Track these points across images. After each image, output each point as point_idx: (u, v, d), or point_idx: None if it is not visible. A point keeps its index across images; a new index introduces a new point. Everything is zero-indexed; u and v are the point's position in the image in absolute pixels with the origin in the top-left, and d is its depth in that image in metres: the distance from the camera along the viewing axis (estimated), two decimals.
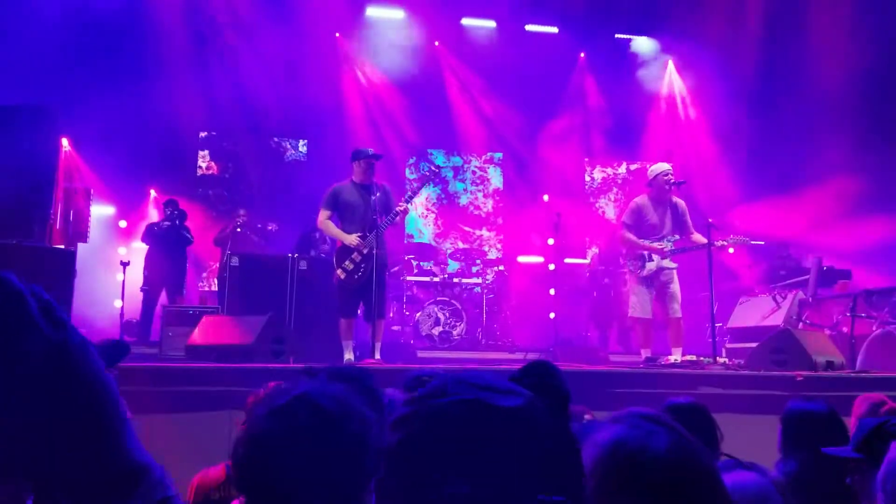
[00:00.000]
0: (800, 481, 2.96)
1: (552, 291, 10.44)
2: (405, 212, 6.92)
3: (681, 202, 7.48)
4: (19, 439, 0.61)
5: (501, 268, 11.85)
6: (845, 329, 7.61)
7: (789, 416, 3.16)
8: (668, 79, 13.24)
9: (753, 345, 7.19)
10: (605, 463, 1.08)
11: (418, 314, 9.76)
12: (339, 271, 6.69)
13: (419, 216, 13.07)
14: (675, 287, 7.30)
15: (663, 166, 7.52)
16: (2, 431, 0.61)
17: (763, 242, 11.93)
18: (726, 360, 7.24)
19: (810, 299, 8.32)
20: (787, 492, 3.03)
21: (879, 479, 1.93)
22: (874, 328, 7.47)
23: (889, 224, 10.30)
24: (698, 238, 7.26)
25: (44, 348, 0.62)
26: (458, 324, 9.75)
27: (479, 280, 11.00)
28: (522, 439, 0.84)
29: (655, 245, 7.23)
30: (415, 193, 7.38)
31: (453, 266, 11.45)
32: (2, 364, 0.61)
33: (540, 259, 11.47)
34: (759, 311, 8.46)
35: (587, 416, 4.98)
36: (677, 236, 7.36)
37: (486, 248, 12.95)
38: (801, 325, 7.96)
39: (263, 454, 1.01)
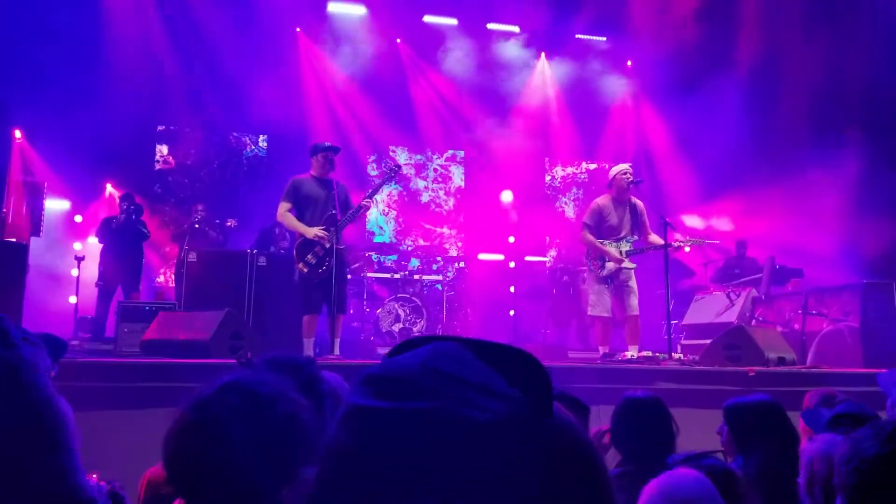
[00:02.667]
0: (757, 475, 3.03)
1: (512, 289, 10.52)
2: (367, 208, 6.90)
3: (639, 203, 7.58)
4: None
5: (462, 265, 11.89)
6: (797, 326, 7.79)
7: (734, 412, 3.23)
8: (624, 79, 13.39)
9: (708, 341, 7.32)
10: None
11: (379, 311, 9.74)
12: (300, 265, 6.67)
13: (380, 213, 13.04)
14: (634, 285, 7.40)
15: (622, 166, 7.62)
16: None
17: (718, 242, 12.18)
18: (681, 356, 7.36)
19: (763, 297, 8.50)
20: (747, 486, 3.10)
21: (803, 484, 2.00)
22: (824, 325, 7.65)
23: (843, 223, 10.55)
24: (655, 239, 7.39)
25: None
26: (418, 320, 9.75)
27: (440, 277, 11.02)
28: (501, 455, 0.71)
29: (612, 250, 7.30)
30: (377, 190, 7.37)
31: (414, 263, 11.46)
32: None
33: (500, 257, 11.54)
34: (714, 309, 8.63)
35: None
36: (636, 237, 7.46)
37: (447, 246, 12.98)
38: (754, 322, 8.13)
39: (192, 444, 0.96)
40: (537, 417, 0.73)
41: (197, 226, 10.14)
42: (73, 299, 9.52)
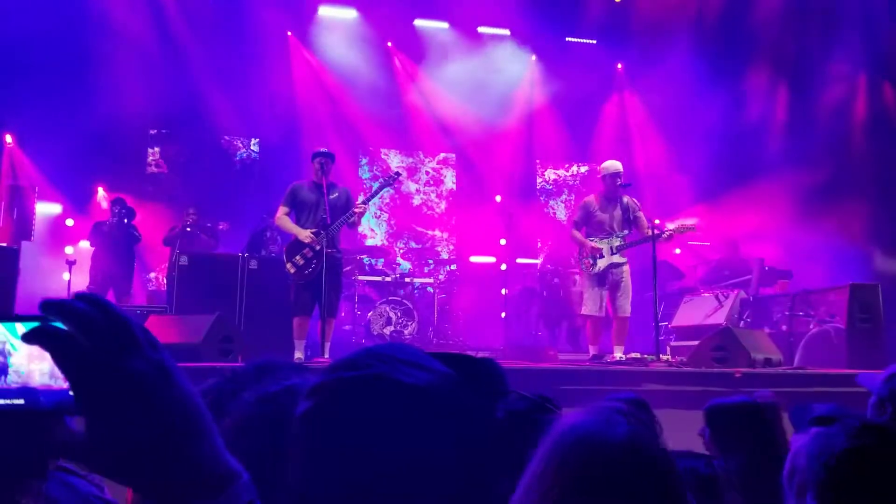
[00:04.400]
0: (739, 476, 3.08)
1: (504, 291, 10.55)
2: (361, 213, 6.94)
3: (632, 199, 7.60)
4: (134, 448, 0.71)
5: (454, 267, 11.93)
6: (784, 327, 7.85)
7: (715, 413, 3.27)
8: (616, 82, 13.46)
9: (696, 343, 7.37)
10: (560, 447, 1.10)
11: (370, 313, 9.76)
12: (288, 265, 6.76)
13: (372, 216, 13.08)
14: (627, 286, 7.44)
15: (615, 166, 7.63)
16: (121, 442, 0.70)
17: (709, 243, 12.27)
18: (669, 357, 7.42)
19: (751, 299, 8.56)
20: (732, 486, 3.16)
21: (785, 476, 2.03)
22: (811, 327, 7.72)
23: (830, 224, 10.64)
24: (647, 232, 7.36)
25: (147, 366, 0.72)
26: (409, 323, 9.78)
27: (431, 280, 11.05)
28: (427, 418, 0.84)
29: (599, 244, 7.35)
30: (373, 195, 7.42)
31: (405, 266, 11.49)
32: (119, 381, 0.71)
33: (492, 259, 11.57)
34: (703, 311, 8.67)
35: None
36: (626, 231, 7.47)
37: (438, 249, 13.02)
38: (742, 323, 8.18)
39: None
40: (456, 388, 0.87)
41: (188, 229, 10.14)
42: None
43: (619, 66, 13.48)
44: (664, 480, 1.09)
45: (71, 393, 0.72)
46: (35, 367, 0.75)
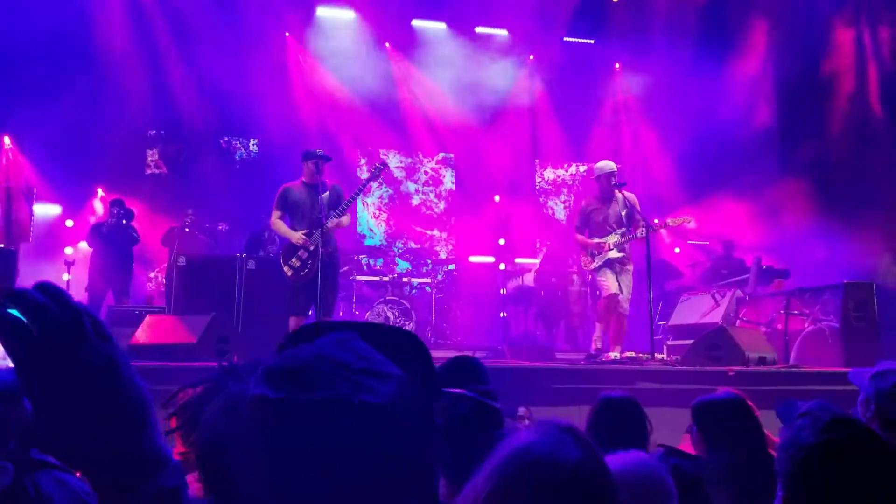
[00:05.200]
0: (726, 473, 3.11)
1: (503, 291, 10.59)
2: (353, 206, 6.95)
3: (630, 196, 7.60)
4: (77, 433, 0.76)
5: (452, 267, 11.96)
6: (780, 326, 7.87)
7: (700, 410, 3.30)
8: (612, 82, 13.48)
9: (692, 342, 7.39)
10: (508, 466, 1.10)
11: (367, 313, 9.79)
12: (285, 268, 6.76)
13: (371, 216, 13.12)
14: (628, 283, 7.47)
15: (610, 166, 7.65)
16: (64, 427, 0.76)
17: (707, 242, 12.29)
18: (665, 356, 7.45)
19: (747, 298, 8.58)
20: (717, 482, 3.18)
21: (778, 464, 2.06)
22: (806, 325, 7.74)
23: (826, 223, 10.66)
24: (642, 231, 7.36)
25: (96, 357, 0.77)
26: (407, 323, 9.81)
27: (429, 279, 11.07)
28: (387, 436, 0.80)
29: (599, 241, 7.41)
30: (362, 188, 7.39)
31: (403, 265, 11.51)
32: (66, 370, 0.75)
33: (491, 259, 11.59)
34: (699, 310, 8.70)
35: (521, 410, 5.12)
36: (624, 228, 7.49)
37: (438, 249, 13.05)
38: (738, 322, 8.20)
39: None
40: (420, 398, 0.85)
41: (187, 230, 10.18)
42: None
43: (617, 65, 13.50)
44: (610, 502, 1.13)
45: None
46: None
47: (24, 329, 0.75)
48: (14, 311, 0.75)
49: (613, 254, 7.38)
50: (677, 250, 12.39)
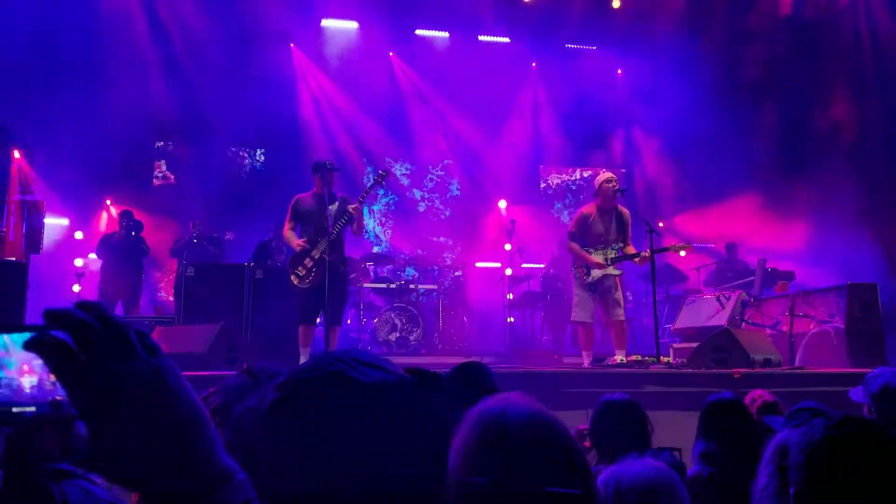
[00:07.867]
0: (718, 471, 3.17)
1: (510, 296, 10.64)
2: (359, 213, 6.98)
3: (626, 211, 7.60)
4: (132, 452, 0.74)
5: (458, 273, 12.01)
6: (785, 328, 7.89)
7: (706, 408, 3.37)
8: (614, 88, 13.55)
9: (698, 344, 7.41)
10: (468, 425, 1.23)
11: (375, 320, 9.86)
12: (292, 276, 6.84)
13: (377, 223, 13.19)
14: (619, 294, 7.48)
15: (608, 175, 7.69)
16: (119, 447, 0.73)
17: (713, 245, 12.30)
18: (670, 359, 7.46)
19: (752, 300, 8.60)
20: (706, 480, 3.24)
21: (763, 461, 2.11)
22: (811, 327, 7.76)
23: (828, 225, 10.68)
24: (629, 250, 7.41)
25: (146, 374, 0.75)
26: (414, 329, 9.87)
27: (436, 286, 11.13)
28: (378, 414, 0.92)
29: (598, 257, 7.39)
30: (367, 194, 7.44)
31: (409, 272, 11.58)
32: (117, 390, 0.73)
33: (497, 264, 11.64)
34: (705, 313, 8.72)
35: None
36: (621, 244, 7.52)
37: (444, 255, 13.10)
38: (743, 324, 8.22)
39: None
40: (408, 386, 0.97)
41: (195, 240, 10.27)
42: None
43: (619, 71, 13.57)
44: (561, 453, 1.24)
45: (56, 401, 0.77)
46: (26, 380, 0.79)
47: (69, 351, 0.73)
48: (56, 332, 0.73)
49: (611, 270, 7.39)
50: (682, 253, 12.42)
